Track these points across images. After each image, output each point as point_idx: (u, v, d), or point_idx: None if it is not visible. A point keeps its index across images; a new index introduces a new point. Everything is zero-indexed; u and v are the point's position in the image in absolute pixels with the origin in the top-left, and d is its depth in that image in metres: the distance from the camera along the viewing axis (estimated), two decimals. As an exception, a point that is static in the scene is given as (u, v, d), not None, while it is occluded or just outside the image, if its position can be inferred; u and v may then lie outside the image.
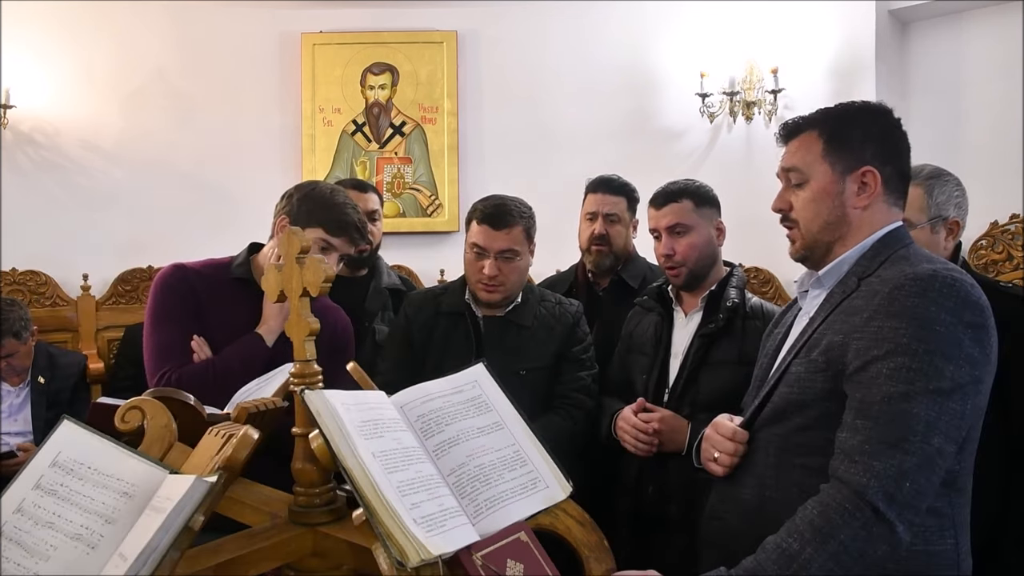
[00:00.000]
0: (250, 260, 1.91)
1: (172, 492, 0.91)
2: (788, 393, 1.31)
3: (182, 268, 1.86)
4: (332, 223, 1.83)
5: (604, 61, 4.31)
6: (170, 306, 1.81)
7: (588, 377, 2.13)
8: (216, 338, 1.80)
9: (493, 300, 2.07)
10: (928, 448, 1.11)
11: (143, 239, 4.16)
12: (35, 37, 4.06)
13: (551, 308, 2.16)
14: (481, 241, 2.04)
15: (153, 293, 1.84)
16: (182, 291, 1.82)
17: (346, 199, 1.89)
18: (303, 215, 1.83)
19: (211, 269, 1.89)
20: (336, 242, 1.84)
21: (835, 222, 1.35)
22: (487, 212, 2.05)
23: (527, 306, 2.13)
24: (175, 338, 1.78)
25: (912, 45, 4.04)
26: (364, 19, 4.39)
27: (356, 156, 4.42)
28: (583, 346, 2.15)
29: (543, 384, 2.09)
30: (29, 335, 3.15)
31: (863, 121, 1.36)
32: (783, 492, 1.28)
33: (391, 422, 1.08)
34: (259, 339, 1.80)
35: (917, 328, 1.15)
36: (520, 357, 2.05)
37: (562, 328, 2.12)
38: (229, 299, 1.84)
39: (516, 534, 1.02)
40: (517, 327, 2.09)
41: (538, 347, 2.08)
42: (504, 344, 2.06)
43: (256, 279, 1.87)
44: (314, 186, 1.91)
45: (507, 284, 2.05)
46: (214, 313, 1.82)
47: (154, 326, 1.81)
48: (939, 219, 1.82)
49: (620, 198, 2.55)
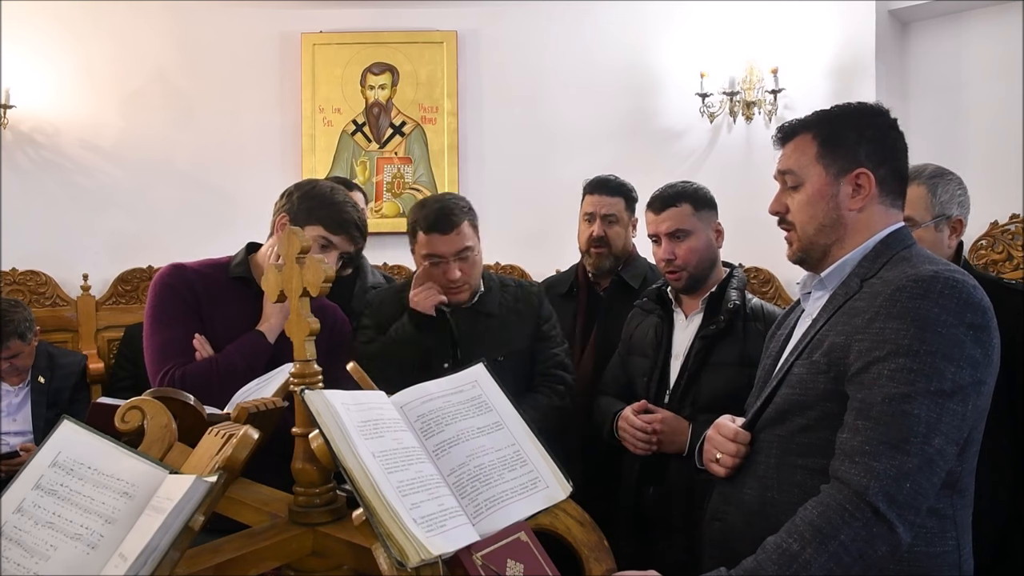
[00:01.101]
0: (248, 259, 1.91)
1: (172, 492, 0.91)
2: (790, 394, 1.31)
3: (181, 268, 1.87)
4: (332, 221, 1.83)
5: (604, 61, 4.31)
6: (170, 306, 1.81)
7: (561, 352, 2.17)
8: (217, 337, 1.80)
9: (460, 300, 2.08)
10: (929, 449, 1.11)
11: (143, 239, 4.16)
12: (35, 37, 4.06)
13: (514, 292, 2.19)
14: (435, 250, 2.03)
15: (152, 293, 1.84)
16: (182, 290, 1.82)
17: (346, 197, 1.89)
18: (303, 213, 1.83)
19: (210, 269, 1.89)
20: (336, 240, 1.84)
21: (830, 224, 1.35)
22: (432, 219, 2.02)
23: (491, 294, 2.15)
24: (177, 337, 1.78)
25: (912, 45, 4.03)
26: (364, 19, 4.39)
27: (356, 156, 4.42)
28: (550, 323, 2.19)
29: (523, 367, 2.12)
30: (33, 335, 3.16)
31: (858, 123, 1.36)
32: (785, 493, 1.28)
33: (391, 422, 1.08)
34: (261, 336, 1.80)
35: (918, 329, 1.15)
36: (496, 344, 2.06)
37: (529, 309, 2.15)
38: (229, 298, 1.85)
39: (516, 534, 1.02)
40: (486, 315, 2.11)
41: (510, 331, 2.11)
42: (476, 333, 2.07)
43: (255, 278, 1.87)
44: (314, 184, 1.92)
45: (471, 281, 2.08)
46: (214, 312, 1.83)
47: (155, 326, 1.81)
48: (943, 218, 1.83)
49: (618, 198, 2.54)
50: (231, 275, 1.88)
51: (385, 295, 2.23)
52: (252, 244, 1.97)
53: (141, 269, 4.12)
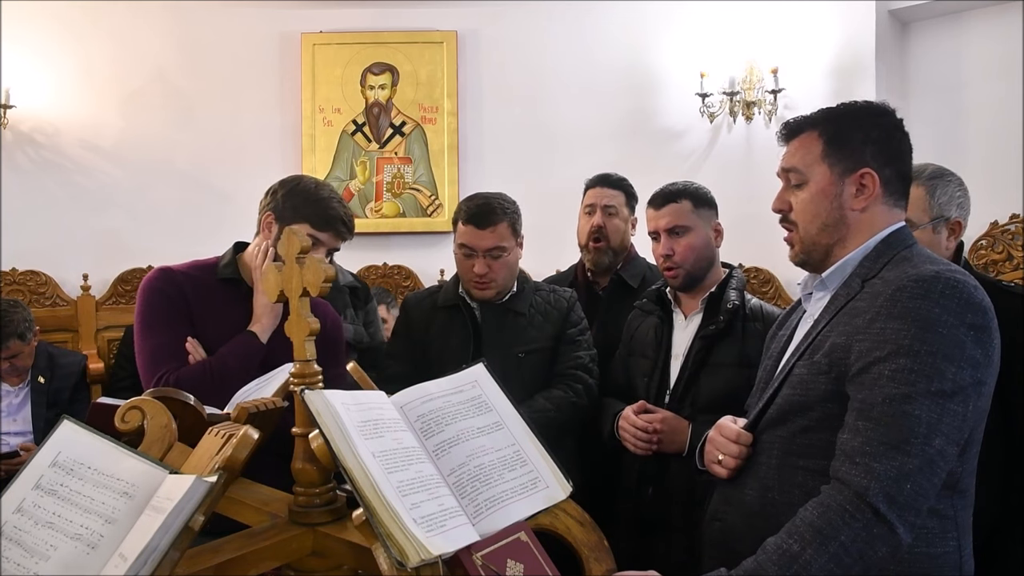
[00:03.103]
0: (236, 260, 1.89)
1: (172, 492, 0.91)
2: (791, 395, 1.31)
3: (169, 271, 1.84)
4: (318, 218, 1.82)
5: (604, 61, 4.31)
6: (160, 310, 1.78)
7: (586, 356, 2.18)
8: (208, 339, 1.78)
9: (486, 296, 2.13)
10: (929, 450, 1.11)
11: (143, 239, 4.16)
12: (35, 37, 4.06)
13: (546, 296, 2.23)
14: (468, 241, 2.10)
15: (141, 298, 1.81)
16: (171, 294, 1.79)
17: (331, 193, 1.88)
18: (289, 211, 1.82)
19: (197, 271, 1.87)
20: (323, 236, 1.83)
21: (833, 224, 1.34)
22: (471, 212, 2.10)
23: (523, 295, 2.19)
24: (168, 341, 1.75)
25: (912, 45, 4.03)
26: (364, 19, 4.39)
27: (356, 156, 4.42)
28: (579, 328, 2.21)
29: (542, 366, 2.14)
30: (32, 336, 3.17)
31: (864, 122, 1.35)
32: (786, 494, 1.28)
33: (391, 422, 1.08)
34: (253, 337, 1.79)
35: (919, 330, 1.15)
36: (518, 340, 2.11)
37: (558, 313, 2.19)
38: (218, 300, 1.83)
39: (516, 534, 1.02)
40: (514, 313, 2.15)
41: (535, 331, 2.14)
42: (502, 329, 2.12)
43: (244, 278, 1.86)
44: (298, 181, 1.90)
45: (498, 280, 2.12)
46: (204, 315, 1.81)
47: (145, 331, 1.78)
48: (941, 219, 1.82)
49: (618, 192, 2.58)
50: (219, 276, 1.86)
51: (421, 292, 2.37)
52: (239, 243, 1.94)
53: (141, 269, 4.11)
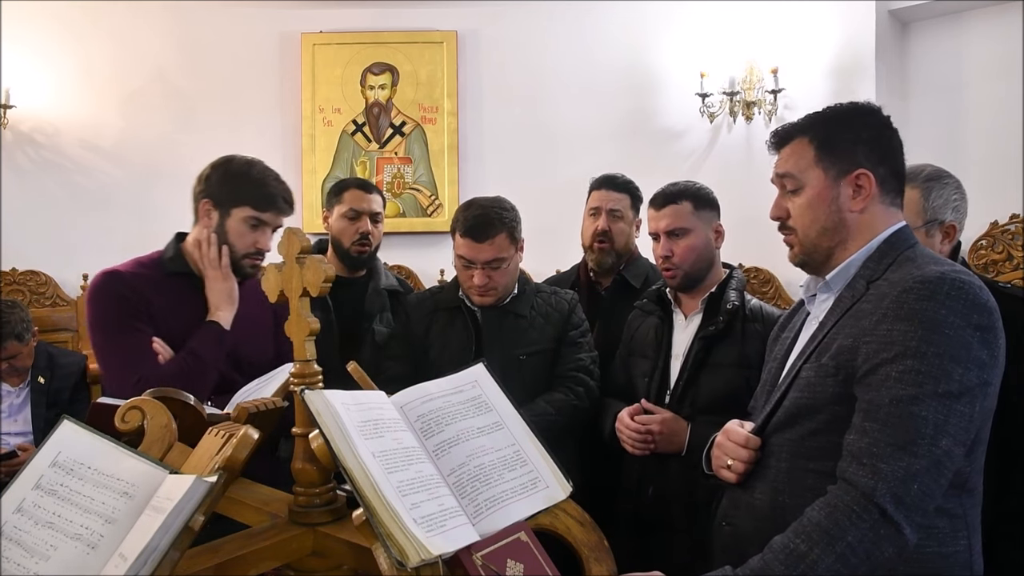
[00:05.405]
0: (180, 250, 1.85)
1: (172, 492, 0.91)
2: (799, 398, 1.30)
3: (117, 273, 1.79)
4: (259, 199, 1.79)
5: (604, 61, 4.31)
6: (119, 313, 1.74)
7: (587, 358, 2.16)
8: (171, 335, 1.75)
9: (486, 303, 2.11)
10: (936, 451, 1.11)
11: (143, 239, 4.11)
12: (35, 37, 4.06)
13: (547, 298, 2.21)
14: (466, 254, 2.06)
15: (95, 305, 1.75)
16: (127, 296, 1.75)
17: (265, 169, 1.84)
18: (227, 195, 1.79)
19: (144, 268, 1.83)
20: (266, 216, 1.81)
21: (833, 227, 1.34)
22: (468, 225, 2.04)
23: (524, 297, 2.17)
24: (135, 344, 1.71)
25: (912, 45, 4.04)
26: (364, 19, 4.39)
27: (356, 156, 4.42)
28: (580, 330, 2.19)
29: (543, 368, 2.12)
30: (31, 336, 3.16)
31: (853, 123, 1.35)
32: (796, 497, 1.27)
33: (391, 422, 1.08)
34: (217, 326, 1.76)
35: (926, 331, 1.15)
36: (519, 342, 2.09)
37: (559, 315, 2.17)
38: (171, 295, 1.79)
39: (516, 534, 1.02)
40: (515, 315, 2.13)
41: (536, 333, 2.13)
42: (503, 331, 2.10)
43: (192, 270, 1.83)
44: (229, 162, 1.85)
45: (498, 288, 2.09)
46: (163, 311, 1.77)
47: (109, 336, 1.74)
48: (935, 223, 1.79)
49: (624, 195, 2.56)
50: (167, 271, 1.82)
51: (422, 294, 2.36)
52: (180, 234, 1.91)
53: (141, 269, 4.12)
